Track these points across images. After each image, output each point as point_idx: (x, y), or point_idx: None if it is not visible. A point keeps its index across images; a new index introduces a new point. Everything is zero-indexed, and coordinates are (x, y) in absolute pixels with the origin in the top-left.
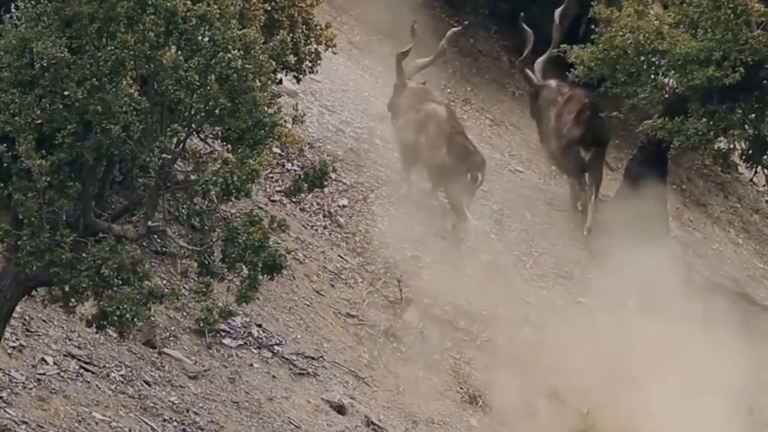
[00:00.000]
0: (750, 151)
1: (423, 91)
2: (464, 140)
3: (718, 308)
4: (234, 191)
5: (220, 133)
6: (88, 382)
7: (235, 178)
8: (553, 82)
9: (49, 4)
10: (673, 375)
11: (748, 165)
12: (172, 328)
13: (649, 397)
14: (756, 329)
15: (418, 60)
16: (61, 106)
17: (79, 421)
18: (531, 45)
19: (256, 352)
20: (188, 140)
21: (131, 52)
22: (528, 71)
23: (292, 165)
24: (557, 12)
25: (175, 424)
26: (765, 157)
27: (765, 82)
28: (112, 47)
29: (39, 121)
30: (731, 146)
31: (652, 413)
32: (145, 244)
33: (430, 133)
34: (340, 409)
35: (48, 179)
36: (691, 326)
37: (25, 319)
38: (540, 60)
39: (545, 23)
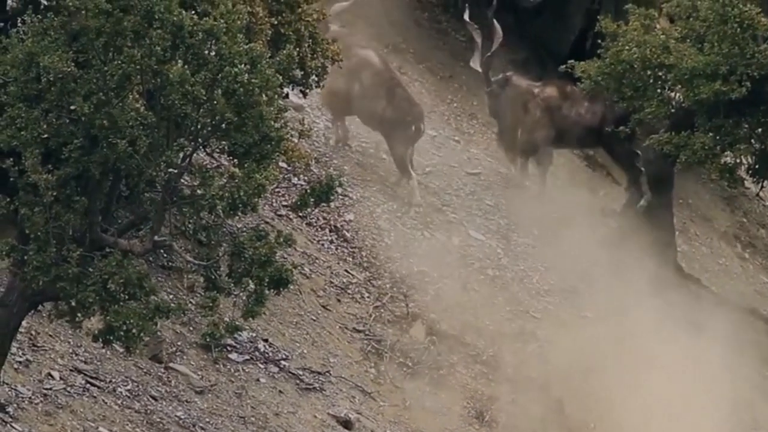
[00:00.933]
0: (756, 166)
1: (345, 34)
2: (405, 91)
3: (725, 323)
4: (240, 206)
5: (226, 147)
6: (95, 397)
7: (242, 193)
8: (518, 78)
9: (55, 19)
10: (679, 391)
11: (755, 179)
12: (179, 343)
13: (655, 411)
14: (763, 345)
15: (336, 4)
16: (67, 121)
17: None
18: (498, 43)
19: (262, 367)
20: (195, 155)
21: (138, 67)
22: (489, 71)
23: (299, 179)
24: (466, 15)
25: None
26: None
27: None
28: (119, 62)
29: (45, 136)
30: (738, 161)
31: (658, 427)
32: (151, 258)
33: (366, 83)
34: (347, 425)
35: (54, 194)
36: (698, 341)
37: (31, 334)
38: (486, 57)
39: (552, 36)
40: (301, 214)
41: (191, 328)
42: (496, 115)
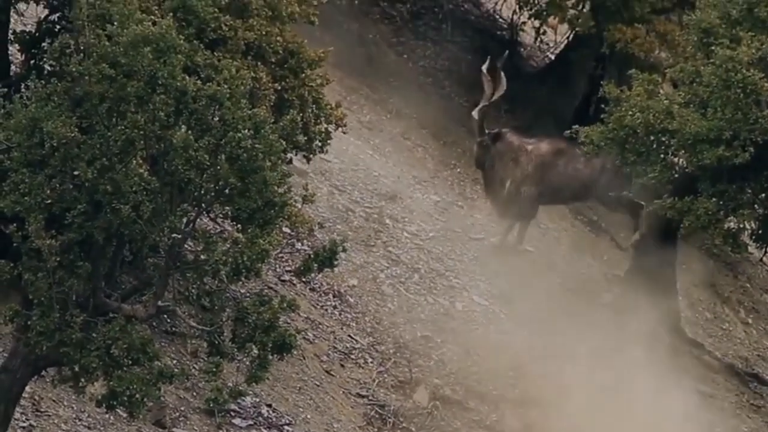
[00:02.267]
0: (760, 231)
1: None
2: None
3: (729, 389)
4: (244, 271)
5: (230, 212)
6: None
7: (245, 258)
8: (512, 135)
9: (59, 84)
10: None
11: (758, 245)
12: (182, 408)
13: None
14: (765, 409)
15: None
16: (71, 186)
17: None
18: (499, 95)
19: None
20: (198, 220)
21: (141, 132)
22: (483, 122)
23: (302, 245)
24: (484, 66)
25: None
26: None
27: None
28: (123, 127)
29: (49, 201)
30: (741, 226)
31: None
32: (155, 323)
33: None
34: None
35: (58, 259)
36: (702, 407)
37: (35, 399)
38: (483, 106)
39: (556, 101)
40: (304, 280)
41: (194, 394)
42: (481, 167)
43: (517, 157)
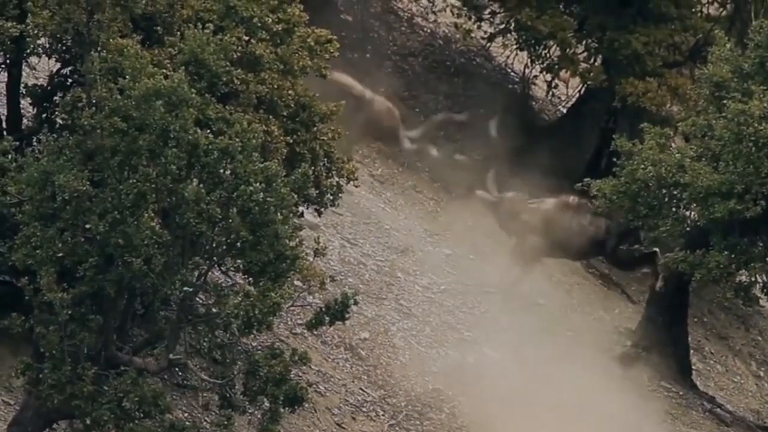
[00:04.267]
0: None
1: None
2: None
3: None
4: (255, 324)
5: (241, 265)
6: None
7: (257, 311)
8: (513, 195)
9: (71, 138)
10: None
11: None
12: None
13: None
14: None
15: None
16: (82, 239)
17: None
18: None
19: None
20: (210, 273)
21: (153, 185)
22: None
23: (314, 298)
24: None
25: None
26: None
27: None
28: (134, 180)
29: (60, 254)
30: (753, 279)
31: None
32: (166, 376)
33: None
34: None
35: (69, 312)
36: None
37: None
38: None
39: (567, 155)
40: (316, 332)
41: None
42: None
43: (518, 214)
